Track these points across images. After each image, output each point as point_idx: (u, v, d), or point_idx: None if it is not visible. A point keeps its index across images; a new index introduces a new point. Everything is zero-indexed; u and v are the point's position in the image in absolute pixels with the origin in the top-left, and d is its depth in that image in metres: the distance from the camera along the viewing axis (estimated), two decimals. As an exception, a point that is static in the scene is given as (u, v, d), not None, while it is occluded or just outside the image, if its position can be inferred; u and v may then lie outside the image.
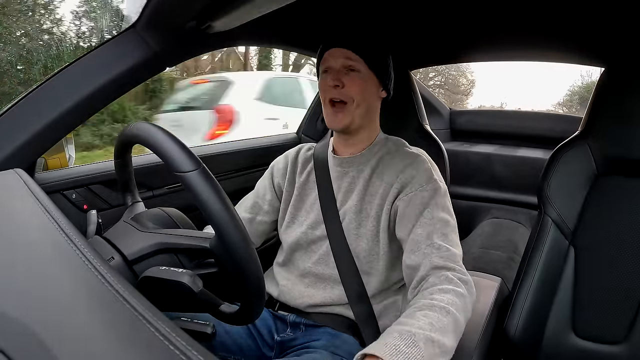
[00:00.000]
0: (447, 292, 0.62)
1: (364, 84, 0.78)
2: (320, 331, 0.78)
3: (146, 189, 1.03)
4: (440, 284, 0.63)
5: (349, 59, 0.78)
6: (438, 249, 0.68)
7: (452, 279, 0.64)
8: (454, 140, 1.95)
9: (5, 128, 0.71)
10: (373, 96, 0.81)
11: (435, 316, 0.57)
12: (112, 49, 0.77)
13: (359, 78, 0.78)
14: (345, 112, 0.79)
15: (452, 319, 0.58)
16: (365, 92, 0.79)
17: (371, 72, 0.80)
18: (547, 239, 0.87)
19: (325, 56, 0.81)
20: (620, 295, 0.81)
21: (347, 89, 0.78)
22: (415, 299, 0.63)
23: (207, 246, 0.52)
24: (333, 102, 0.79)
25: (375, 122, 0.85)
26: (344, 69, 0.78)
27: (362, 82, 0.78)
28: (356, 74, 0.78)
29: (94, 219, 0.60)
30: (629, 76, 0.84)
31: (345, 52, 0.78)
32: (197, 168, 0.47)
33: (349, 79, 0.78)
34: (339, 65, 0.79)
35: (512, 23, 0.93)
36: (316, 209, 0.83)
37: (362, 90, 0.78)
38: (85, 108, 0.75)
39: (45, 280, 0.37)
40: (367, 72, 0.79)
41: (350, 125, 0.79)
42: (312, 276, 0.82)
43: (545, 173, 0.91)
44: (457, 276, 0.65)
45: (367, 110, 0.80)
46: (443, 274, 0.65)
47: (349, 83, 0.78)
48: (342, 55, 0.78)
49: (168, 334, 0.30)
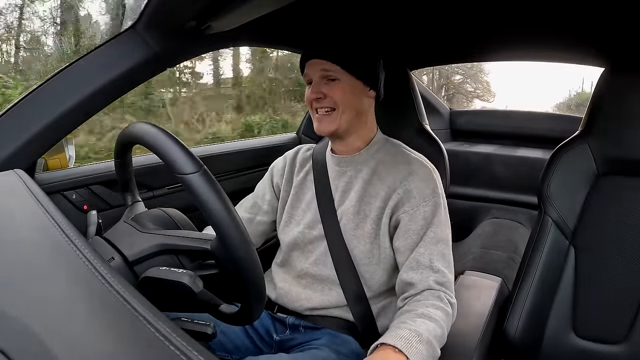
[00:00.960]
0: (439, 309, 0.68)
1: (345, 91, 0.77)
2: (320, 332, 0.78)
3: (146, 189, 1.03)
4: (433, 300, 0.70)
5: (325, 70, 0.77)
6: (437, 273, 0.72)
7: (443, 299, 0.70)
8: (454, 140, 1.95)
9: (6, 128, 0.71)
10: (359, 99, 0.79)
11: (432, 326, 0.64)
12: (112, 49, 0.77)
13: (339, 86, 0.77)
14: (330, 118, 0.78)
15: (442, 333, 0.66)
16: (348, 98, 0.77)
17: (352, 77, 0.78)
18: (547, 239, 0.87)
19: (305, 68, 0.80)
20: (621, 295, 0.81)
21: (329, 98, 0.77)
22: (412, 306, 0.69)
23: (208, 248, 0.52)
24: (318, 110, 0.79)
25: (368, 122, 0.83)
26: (323, 80, 0.78)
27: (343, 90, 0.77)
28: (336, 83, 0.77)
29: (94, 220, 0.60)
30: (629, 76, 0.84)
31: (321, 63, 0.77)
32: (199, 170, 0.47)
33: (329, 89, 0.77)
34: (317, 77, 0.78)
35: (512, 23, 0.93)
36: (313, 209, 0.83)
37: (344, 97, 0.77)
38: (86, 108, 0.75)
39: (45, 281, 0.37)
40: (348, 78, 0.77)
41: (337, 130, 0.79)
42: (309, 277, 0.81)
43: (545, 173, 0.91)
44: (448, 298, 0.71)
45: (355, 114, 0.79)
46: (437, 293, 0.71)
47: (330, 92, 0.77)
48: (319, 66, 0.77)
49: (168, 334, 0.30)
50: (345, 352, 0.73)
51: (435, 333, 0.64)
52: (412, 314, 0.66)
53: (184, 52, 0.86)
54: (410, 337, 0.60)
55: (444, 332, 0.66)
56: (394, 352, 0.58)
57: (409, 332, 0.61)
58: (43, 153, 0.76)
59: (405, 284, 0.73)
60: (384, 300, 0.80)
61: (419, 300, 0.70)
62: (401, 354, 0.58)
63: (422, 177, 0.77)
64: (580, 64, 1.09)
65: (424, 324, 0.64)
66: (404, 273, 0.74)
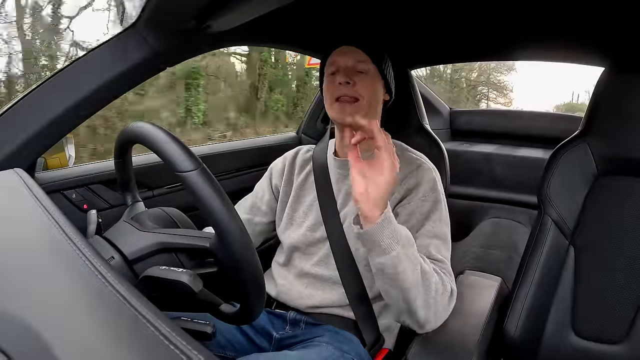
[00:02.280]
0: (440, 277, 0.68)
1: (373, 85, 0.78)
2: (321, 329, 0.78)
3: (146, 188, 1.03)
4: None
5: (358, 59, 0.77)
6: (437, 261, 0.72)
7: (446, 283, 0.69)
8: (454, 140, 1.95)
9: (6, 128, 0.71)
10: (379, 99, 0.81)
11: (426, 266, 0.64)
12: (112, 49, 0.77)
13: (367, 79, 0.78)
14: (355, 107, 0.77)
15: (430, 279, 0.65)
16: (373, 94, 0.78)
17: (378, 74, 0.79)
18: (547, 238, 0.87)
19: (333, 56, 0.80)
20: (620, 295, 0.81)
21: (357, 87, 0.77)
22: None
23: (207, 245, 0.52)
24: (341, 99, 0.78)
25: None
26: (355, 69, 0.78)
27: (371, 83, 0.78)
28: (364, 76, 0.78)
29: (94, 219, 0.60)
30: (629, 76, 0.84)
31: (355, 51, 0.78)
32: (197, 167, 0.47)
33: (359, 79, 0.77)
34: (350, 64, 0.78)
35: (512, 22, 0.92)
36: (315, 211, 0.83)
37: (373, 91, 0.78)
38: (85, 107, 0.75)
39: (45, 280, 0.37)
40: (375, 74, 0.79)
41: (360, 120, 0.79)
42: (311, 277, 0.81)
43: (545, 173, 0.91)
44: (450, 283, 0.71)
45: (374, 112, 0.80)
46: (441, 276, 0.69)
47: (359, 83, 0.77)
48: (352, 53, 0.78)
49: (168, 333, 0.30)
50: (347, 350, 0.73)
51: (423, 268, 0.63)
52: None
53: (184, 51, 0.86)
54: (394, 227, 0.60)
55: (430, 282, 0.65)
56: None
57: (395, 228, 0.60)
58: (43, 152, 0.76)
59: None
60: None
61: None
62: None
63: (422, 175, 0.77)
64: (580, 64, 1.09)
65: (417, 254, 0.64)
66: None
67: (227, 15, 0.69)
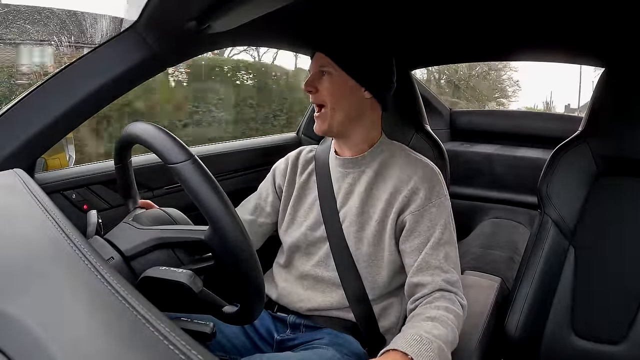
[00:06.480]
0: (451, 312, 0.67)
1: (334, 85, 0.76)
2: (321, 331, 0.78)
3: (146, 189, 1.03)
4: (445, 302, 0.69)
5: (320, 64, 0.77)
6: (446, 273, 0.72)
7: (455, 301, 0.70)
8: (454, 140, 1.95)
9: (6, 128, 0.71)
10: (349, 99, 0.77)
11: (444, 332, 0.63)
12: (112, 49, 0.77)
13: (327, 78, 0.77)
14: (322, 118, 0.78)
15: (453, 337, 0.65)
16: (336, 95, 0.76)
17: (343, 73, 0.76)
18: (547, 238, 0.87)
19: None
20: (620, 295, 0.81)
21: (320, 93, 0.77)
22: (423, 308, 0.68)
23: (202, 238, 0.52)
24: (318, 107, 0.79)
25: (368, 125, 0.81)
26: (319, 74, 0.78)
27: (332, 85, 0.76)
28: (327, 77, 0.77)
29: (94, 219, 0.60)
30: (629, 76, 0.84)
31: (319, 56, 0.77)
32: (189, 159, 0.48)
33: (321, 83, 0.77)
34: (315, 70, 0.78)
35: (512, 23, 0.93)
36: (316, 210, 0.83)
37: (333, 93, 0.76)
38: (85, 108, 0.75)
39: (45, 280, 0.37)
40: (339, 73, 0.76)
41: (329, 131, 0.79)
42: (311, 279, 0.81)
43: (545, 173, 0.91)
44: (459, 300, 0.71)
45: (346, 115, 0.78)
46: (448, 295, 0.70)
47: (321, 87, 0.77)
48: (318, 59, 0.78)
49: (168, 334, 0.30)
50: (347, 352, 0.73)
51: (447, 339, 0.62)
52: (423, 317, 0.65)
53: (184, 52, 0.86)
54: (421, 344, 0.58)
55: (455, 336, 0.65)
56: (404, 358, 0.57)
57: (420, 337, 0.59)
58: (43, 153, 0.76)
59: (415, 285, 0.72)
60: (386, 301, 0.80)
61: (430, 302, 0.69)
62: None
63: (427, 178, 0.77)
64: (580, 64, 1.09)
65: (435, 329, 0.62)
66: (413, 275, 0.73)
67: (227, 16, 0.69)
